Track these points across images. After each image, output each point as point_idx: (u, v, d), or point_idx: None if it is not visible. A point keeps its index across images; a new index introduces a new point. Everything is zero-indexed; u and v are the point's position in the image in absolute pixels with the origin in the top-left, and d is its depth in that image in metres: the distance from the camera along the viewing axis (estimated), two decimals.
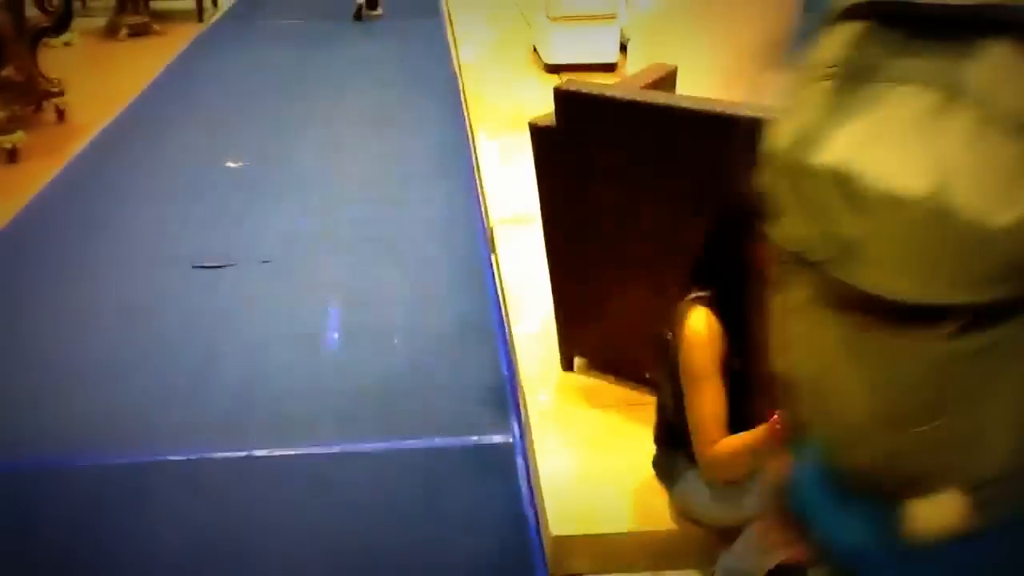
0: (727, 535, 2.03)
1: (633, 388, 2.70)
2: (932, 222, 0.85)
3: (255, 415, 2.81)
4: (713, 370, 1.87)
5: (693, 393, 1.90)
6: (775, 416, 1.79)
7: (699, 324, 1.88)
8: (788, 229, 0.98)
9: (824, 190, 0.91)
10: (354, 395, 2.91)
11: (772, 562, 1.97)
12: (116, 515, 2.41)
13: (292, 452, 2.66)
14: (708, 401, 1.87)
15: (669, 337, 1.96)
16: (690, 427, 1.91)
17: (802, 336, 1.02)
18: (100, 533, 2.35)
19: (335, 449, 2.66)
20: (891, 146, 0.88)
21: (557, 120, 2.45)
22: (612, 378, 2.75)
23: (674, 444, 2.02)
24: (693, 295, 1.93)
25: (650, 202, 2.40)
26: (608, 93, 2.41)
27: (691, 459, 1.94)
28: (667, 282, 2.32)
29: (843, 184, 0.89)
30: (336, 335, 3.26)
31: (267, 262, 3.77)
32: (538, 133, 2.51)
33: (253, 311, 3.42)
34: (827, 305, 0.96)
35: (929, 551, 0.98)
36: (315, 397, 2.90)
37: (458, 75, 6.19)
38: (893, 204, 0.87)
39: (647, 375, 2.64)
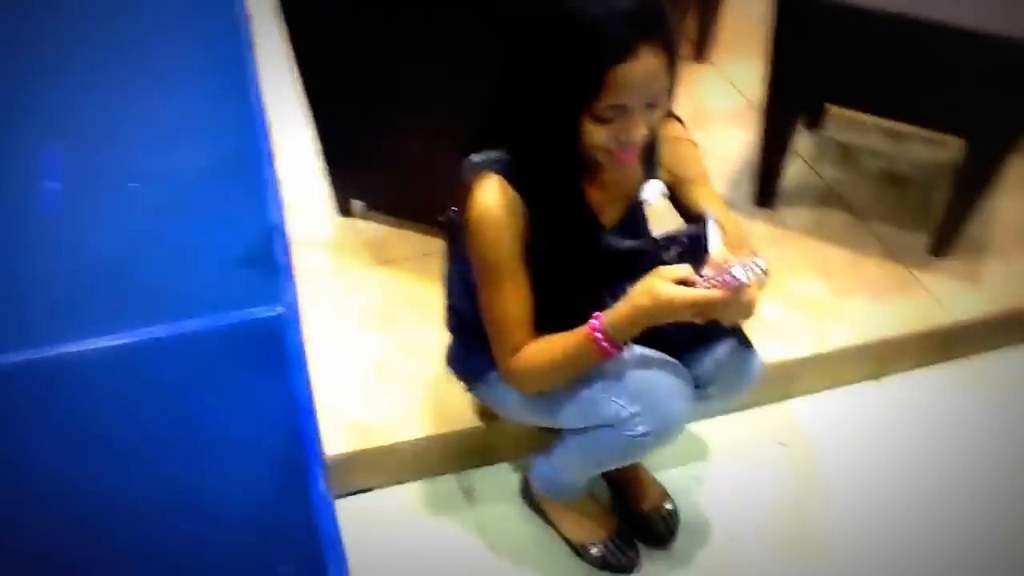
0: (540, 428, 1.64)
1: (424, 232, 2.20)
2: None
3: None
4: (512, 258, 1.37)
5: (488, 288, 1.40)
6: (595, 318, 1.34)
7: (491, 199, 1.34)
8: None
9: None
10: (79, 272, 2.28)
11: (596, 472, 1.61)
12: None
13: None
14: (508, 298, 1.39)
15: (453, 214, 1.44)
16: (487, 329, 1.44)
17: None
18: None
19: (52, 352, 2.07)
20: None
21: None
22: (398, 221, 2.24)
23: (469, 337, 1.56)
24: (481, 157, 1.40)
25: (425, 18, 1.79)
26: None
27: (492, 358, 1.49)
28: (460, 114, 1.77)
29: None
30: (55, 186, 2.55)
31: None
32: None
33: None
34: None
35: None
36: (26, 282, 2.26)
37: None
38: None
39: (439, 219, 2.14)
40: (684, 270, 1.28)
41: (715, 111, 2.65)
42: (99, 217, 2.45)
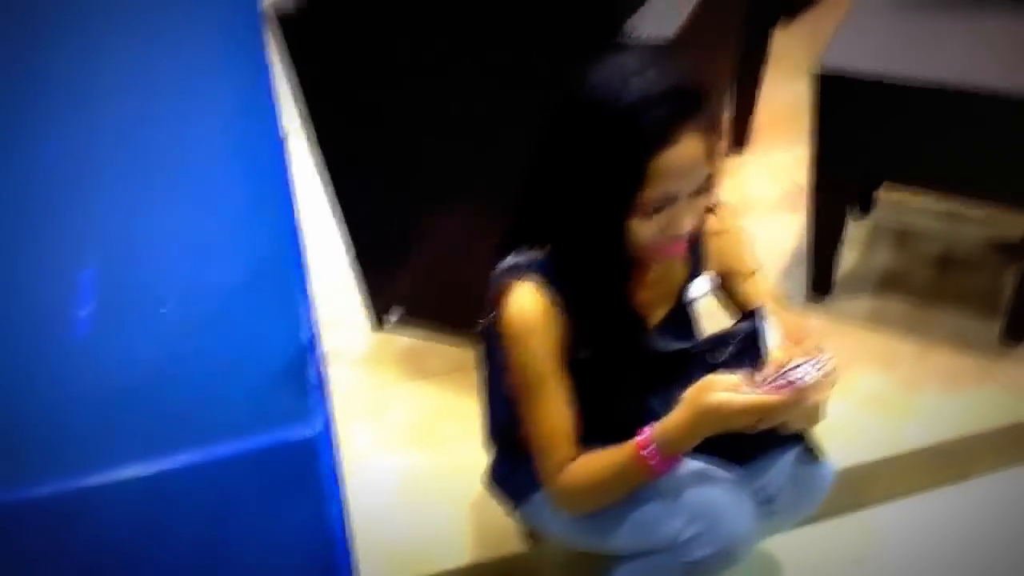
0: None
1: (462, 345, 2.10)
2: None
3: None
4: (552, 368, 1.27)
5: (528, 402, 1.30)
6: (641, 433, 1.23)
7: (527, 305, 1.25)
8: None
9: None
10: (110, 398, 2.21)
11: None
12: None
13: (20, 496, 1.97)
14: (549, 412, 1.28)
15: (489, 321, 1.34)
16: (530, 445, 1.33)
17: None
18: None
19: (78, 484, 1.99)
20: None
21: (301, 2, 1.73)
22: (436, 331, 2.15)
23: (512, 454, 1.45)
24: (516, 259, 1.31)
25: (452, 105, 1.74)
26: None
27: (537, 476, 1.37)
28: (495, 211, 1.70)
29: None
30: (86, 311, 2.52)
31: None
32: (282, 24, 1.78)
33: None
34: None
35: None
36: (56, 410, 2.19)
37: None
38: None
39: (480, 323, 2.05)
40: (737, 378, 1.17)
41: (759, 200, 2.56)
42: (129, 340, 2.40)
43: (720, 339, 1.32)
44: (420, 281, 2.09)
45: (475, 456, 1.64)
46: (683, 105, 1.12)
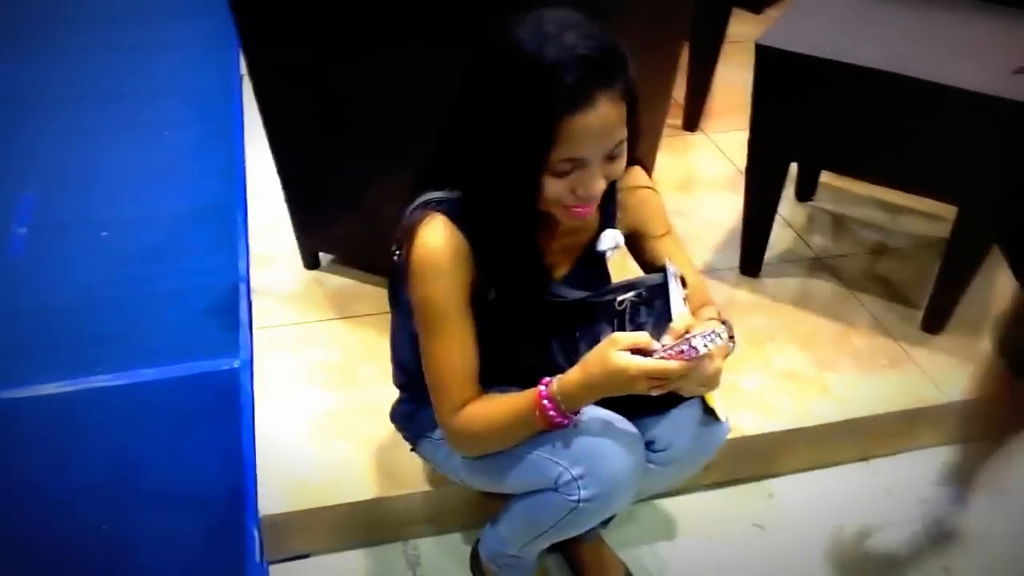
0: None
1: None
2: None
3: None
4: (456, 304, 1.28)
5: (429, 337, 1.30)
6: (544, 383, 1.24)
7: (436, 240, 1.26)
8: None
9: None
10: (39, 315, 2.21)
11: (543, 544, 1.48)
12: None
13: None
14: (450, 349, 1.29)
15: (398, 256, 1.35)
16: (427, 382, 1.34)
17: None
18: None
19: None
20: None
21: None
22: (365, 276, 2.16)
23: (416, 394, 1.46)
24: (428, 196, 1.32)
25: (384, 41, 1.74)
26: None
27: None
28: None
29: None
30: (23, 231, 2.50)
31: None
32: None
33: None
34: None
35: None
36: None
37: None
38: None
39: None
40: (641, 337, 1.19)
41: (704, 179, 2.58)
42: (65, 263, 2.40)
43: (625, 287, 1.33)
44: (348, 230, 2.09)
45: (388, 398, 1.65)
46: (600, 70, 1.12)
